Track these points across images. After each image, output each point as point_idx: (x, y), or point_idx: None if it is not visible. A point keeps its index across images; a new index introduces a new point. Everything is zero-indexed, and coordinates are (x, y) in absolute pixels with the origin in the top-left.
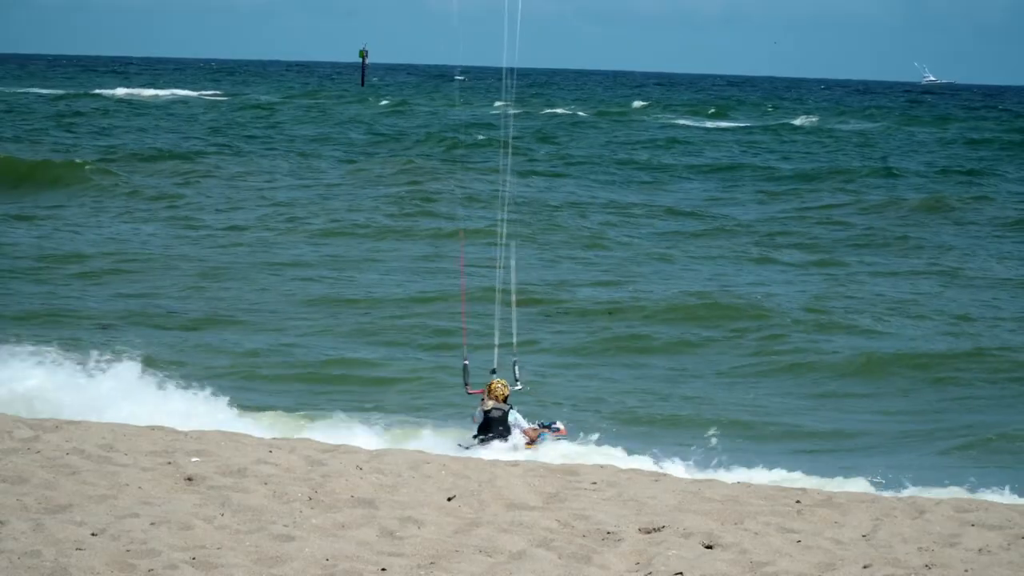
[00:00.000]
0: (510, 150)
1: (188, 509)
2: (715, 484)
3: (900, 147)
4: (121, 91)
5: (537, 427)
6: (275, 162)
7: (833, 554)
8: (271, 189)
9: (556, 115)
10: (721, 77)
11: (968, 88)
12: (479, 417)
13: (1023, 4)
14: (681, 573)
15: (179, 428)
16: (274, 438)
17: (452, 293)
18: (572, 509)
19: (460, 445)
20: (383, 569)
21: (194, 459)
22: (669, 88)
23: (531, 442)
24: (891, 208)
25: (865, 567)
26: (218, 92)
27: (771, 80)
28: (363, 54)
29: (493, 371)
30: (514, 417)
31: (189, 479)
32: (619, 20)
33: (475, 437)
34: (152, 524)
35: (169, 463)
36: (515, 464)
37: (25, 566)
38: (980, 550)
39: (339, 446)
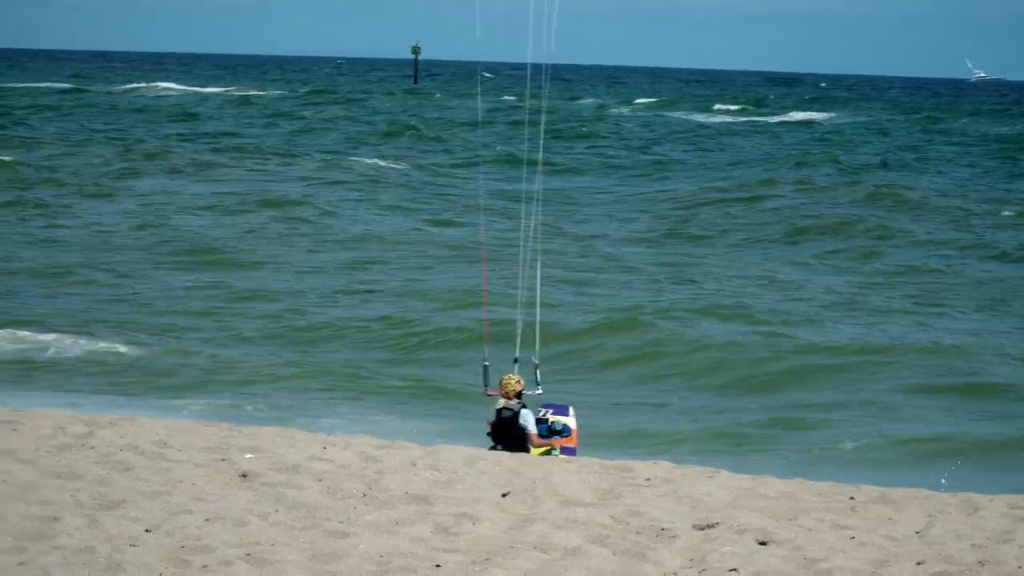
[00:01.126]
0: (541, 148)
1: (242, 505)
2: (769, 481)
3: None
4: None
5: (546, 424)
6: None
7: (887, 551)
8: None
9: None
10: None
11: (1019, 84)
12: (492, 417)
13: None
14: (735, 570)
15: (233, 425)
16: (329, 434)
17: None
18: (626, 505)
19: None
20: (437, 565)
21: (248, 455)
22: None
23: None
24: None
25: (919, 563)
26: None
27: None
28: (416, 51)
29: (515, 360)
30: (524, 418)
31: (243, 475)
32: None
33: (491, 449)
34: (206, 520)
35: (223, 459)
36: (570, 460)
37: (80, 562)
38: None
39: (393, 442)
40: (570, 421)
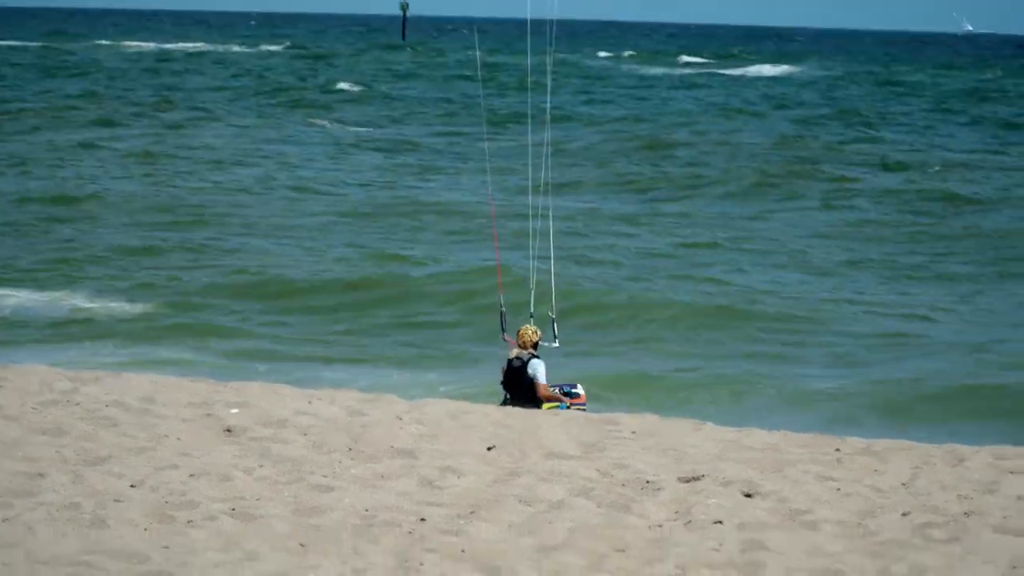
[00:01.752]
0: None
1: (227, 460)
2: (754, 433)
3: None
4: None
5: (556, 391)
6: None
7: (872, 502)
8: None
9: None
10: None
11: (1008, 38)
12: (504, 365)
13: None
14: (720, 522)
15: (218, 380)
16: (313, 389)
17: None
18: (611, 458)
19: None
20: (422, 519)
21: (233, 410)
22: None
23: (547, 401)
24: None
25: (904, 514)
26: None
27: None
28: (404, 7)
29: (531, 315)
30: (533, 368)
31: (228, 430)
32: None
33: (503, 400)
34: (191, 475)
35: (208, 415)
36: (556, 414)
37: (64, 518)
38: (1019, 497)
39: (379, 396)
40: (579, 390)
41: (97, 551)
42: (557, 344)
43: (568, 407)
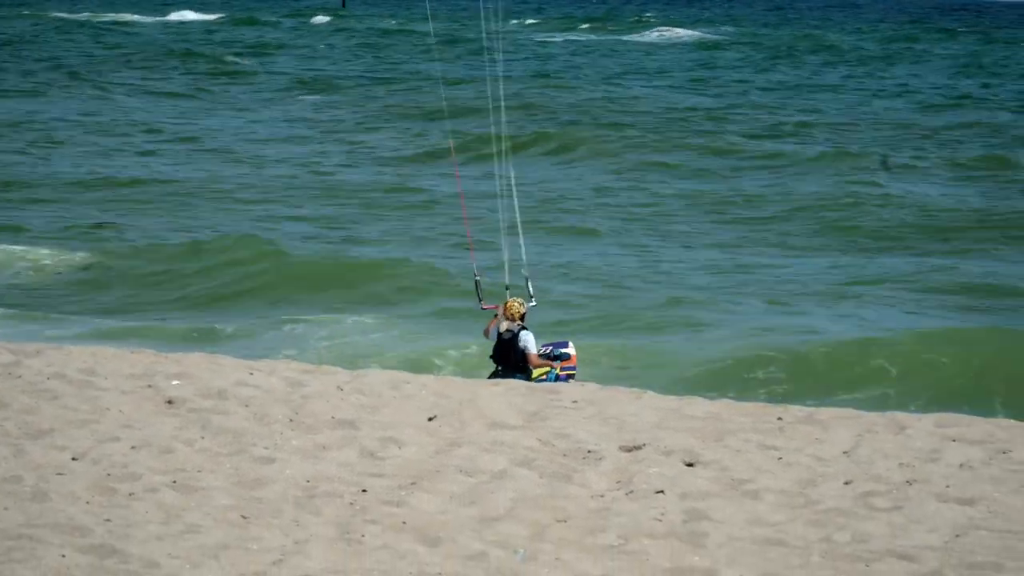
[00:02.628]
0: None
1: (169, 432)
2: (696, 402)
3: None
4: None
5: (547, 354)
6: None
7: (814, 470)
8: None
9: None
10: None
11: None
12: (493, 336)
13: None
14: (662, 491)
15: (159, 351)
16: (254, 360)
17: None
18: (553, 428)
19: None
20: (364, 490)
21: (175, 382)
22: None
23: (538, 368)
24: None
25: (846, 483)
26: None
27: None
28: None
29: (507, 287)
30: (524, 340)
31: (169, 402)
32: None
33: (492, 373)
34: (133, 448)
35: (150, 386)
36: (496, 383)
37: (5, 492)
38: (961, 465)
39: (319, 367)
40: (570, 350)
41: (39, 524)
42: (535, 303)
43: (557, 375)
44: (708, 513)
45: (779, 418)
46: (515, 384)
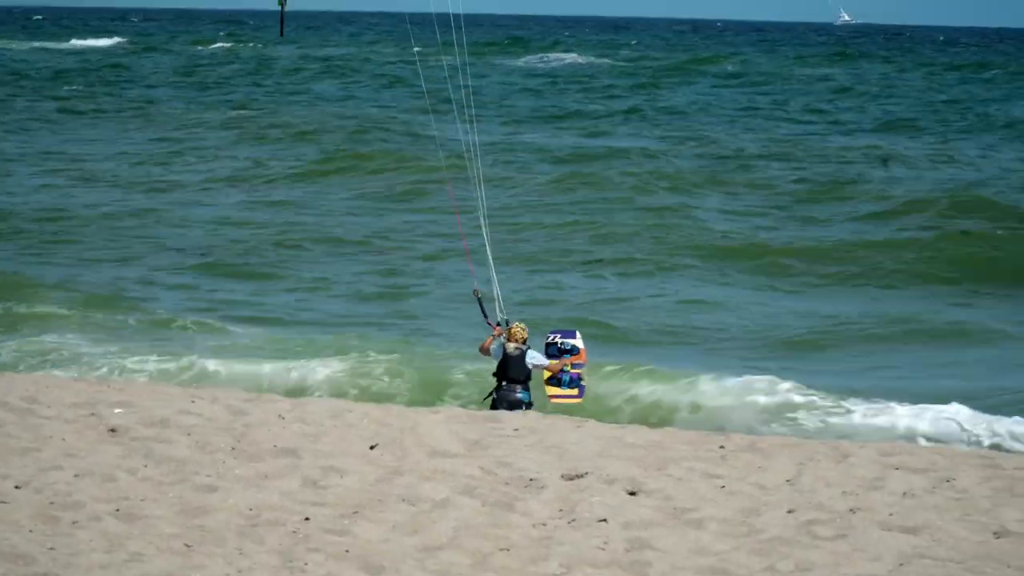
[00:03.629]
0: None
1: (111, 461)
2: (638, 430)
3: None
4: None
5: (558, 348)
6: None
7: (757, 499)
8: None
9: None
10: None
11: (882, 28)
12: (497, 354)
13: None
14: (605, 520)
15: (103, 379)
16: (196, 387)
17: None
18: (494, 456)
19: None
20: (306, 519)
21: (117, 410)
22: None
23: (554, 379)
24: None
25: (789, 512)
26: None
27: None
28: (282, 2)
29: (506, 322)
30: (532, 357)
31: (112, 431)
32: None
33: (493, 393)
34: (76, 476)
35: (92, 414)
36: (437, 411)
37: None
38: (904, 493)
39: (261, 395)
40: (578, 342)
41: None
42: (503, 318)
43: (570, 376)
44: (651, 542)
45: (721, 447)
46: (456, 412)
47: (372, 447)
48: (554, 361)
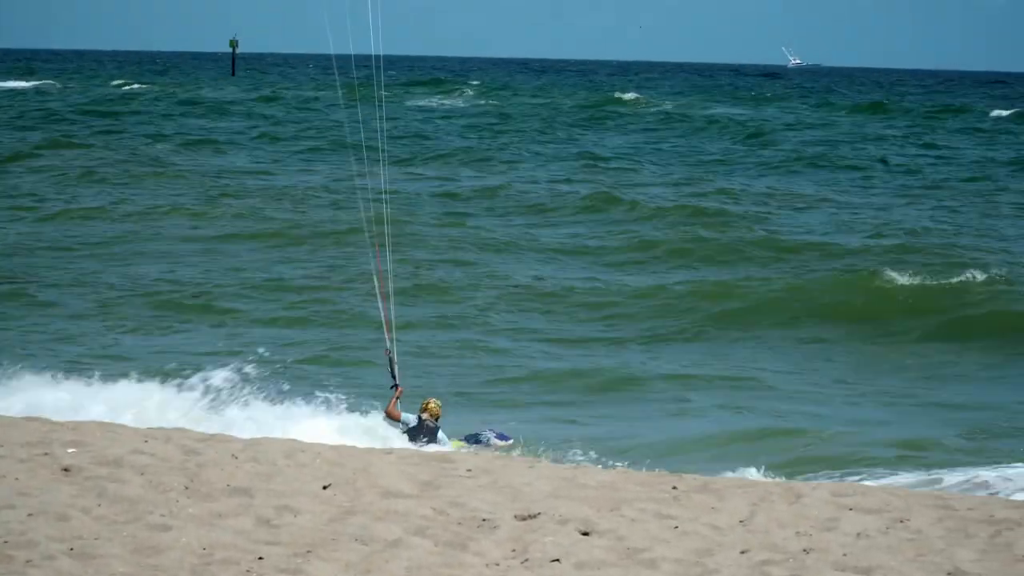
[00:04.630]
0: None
1: (65, 500)
2: (590, 471)
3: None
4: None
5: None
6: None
7: (711, 540)
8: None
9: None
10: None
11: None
12: (413, 422)
13: None
14: (558, 560)
15: (55, 419)
16: (149, 428)
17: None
18: (447, 496)
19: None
20: (260, 558)
21: (70, 449)
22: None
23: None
24: None
25: (743, 552)
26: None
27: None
28: (233, 44)
29: (425, 406)
30: (442, 438)
31: (66, 470)
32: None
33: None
34: (29, 515)
35: (46, 454)
36: (389, 452)
37: None
38: (858, 534)
39: (214, 435)
40: (494, 439)
41: None
42: (398, 384)
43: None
44: None
45: (674, 487)
46: (408, 453)
47: (325, 487)
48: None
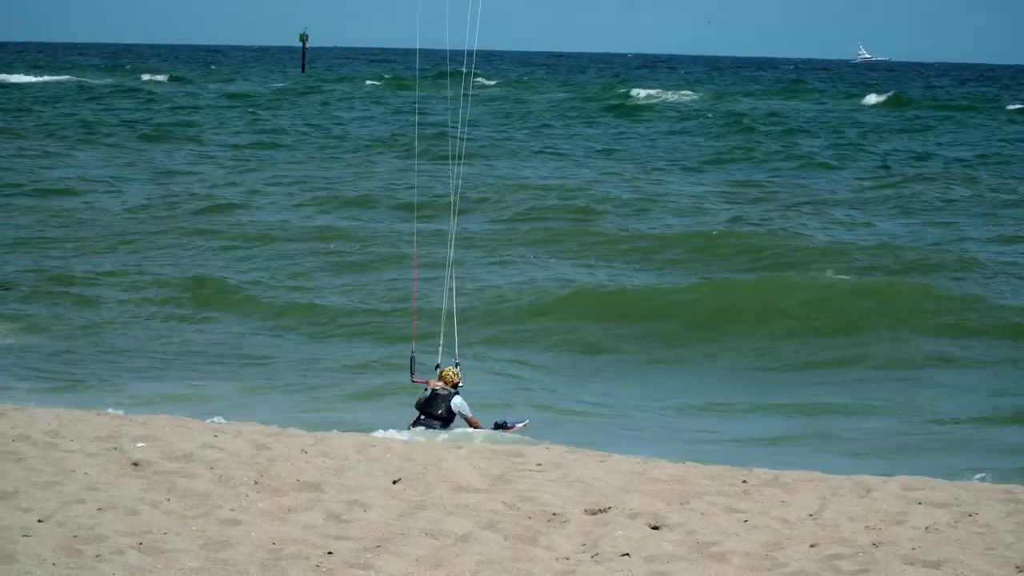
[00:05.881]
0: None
1: (134, 494)
2: (661, 465)
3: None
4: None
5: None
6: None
7: (780, 533)
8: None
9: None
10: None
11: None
12: (423, 395)
13: None
14: (628, 554)
15: (124, 414)
16: (219, 422)
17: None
18: (518, 491)
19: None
20: (330, 552)
21: (140, 444)
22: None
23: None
24: None
25: (812, 546)
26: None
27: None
28: (303, 38)
29: (437, 367)
30: (458, 403)
31: (135, 464)
32: None
33: (414, 423)
34: (99, 510)
35: (115, 448)
36: (460, 446)
37: None
38: (927, 528)
39: (285, 430)
40: (521, 426)
41: None
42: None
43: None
44: None
45: (744, 481)
46: (479, 447)
47: (395, 481)
48: (475, 420)
